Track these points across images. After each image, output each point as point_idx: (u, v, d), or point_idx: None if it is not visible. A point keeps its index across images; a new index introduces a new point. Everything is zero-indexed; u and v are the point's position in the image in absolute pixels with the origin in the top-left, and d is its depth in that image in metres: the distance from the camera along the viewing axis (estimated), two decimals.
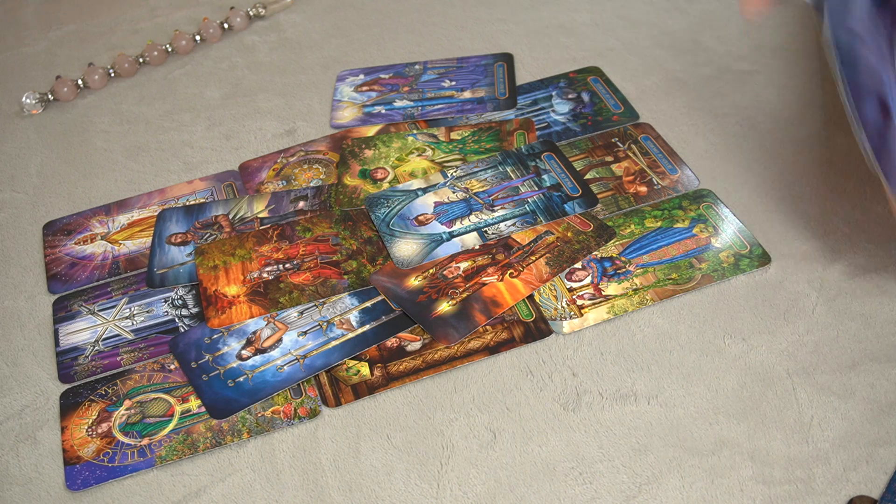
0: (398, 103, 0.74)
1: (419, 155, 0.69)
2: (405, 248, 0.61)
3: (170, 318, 0.60)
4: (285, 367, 0.56)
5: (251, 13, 0.84)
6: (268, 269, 0.61)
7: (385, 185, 0.67)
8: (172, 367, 0.57)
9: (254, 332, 0.58)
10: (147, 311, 0.60)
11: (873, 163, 0.49)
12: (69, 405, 0.55)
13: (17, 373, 0.58)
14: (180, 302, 0.61)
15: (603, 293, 0.59)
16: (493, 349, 0.56)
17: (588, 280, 0.59)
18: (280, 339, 0.57)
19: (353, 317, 0.58)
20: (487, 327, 0.57)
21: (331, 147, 0.71)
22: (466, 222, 0.63)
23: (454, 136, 0.70)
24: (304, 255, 0.62)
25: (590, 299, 0.58)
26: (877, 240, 0.61)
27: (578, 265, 0.60)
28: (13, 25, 0.88)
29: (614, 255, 0.61)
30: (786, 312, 0.57)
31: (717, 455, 0.51)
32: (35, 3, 0.91)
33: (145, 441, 0.53)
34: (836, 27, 0.49)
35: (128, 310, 0.60)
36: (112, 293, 0.62)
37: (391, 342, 0.57)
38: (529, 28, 0.81)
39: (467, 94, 0.74)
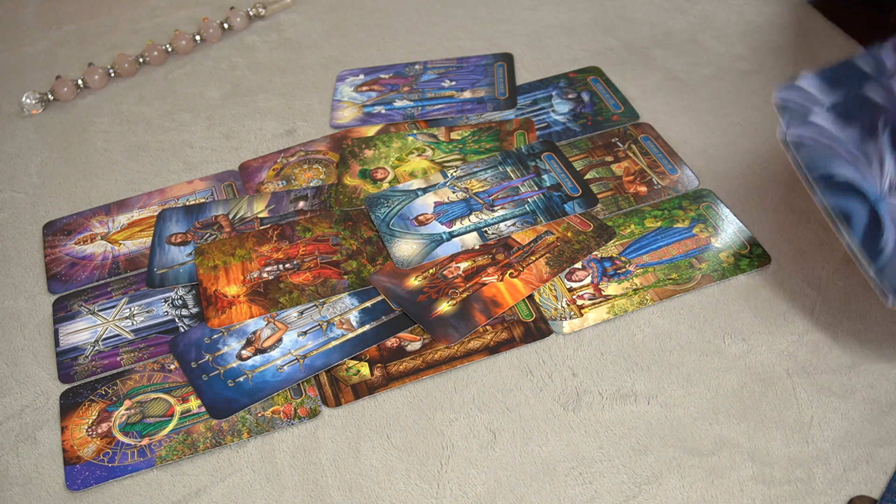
0: (398, 103, 0.74)
1: (419, 155, 0.69)
2: (405, 248, 0.61)
3: (170, 318, 0.60)
4: (285, 367, 0.56)
5: (251, 13, 0.84)
6: (268, 269, 0.61)
7: (385, 185, 0.67)
8: (172, 367, 0.57)
9: (254, 332, 0.58)
10: (147, 311, 0.60)
11: (864, 265, 0.49)
12: (69, 405, 0.55)
13: (17, 373, 0.58)
14: (180, 302, 0.61)
15: (603, 293, 0.59)
16: (493, 349, 0.56)
17: (588, 280, 0.59)
18: (280, 339, 0.57)
19: (353, 317, 0.58)
20: (487, 327, 0.57)
21: (331, 147, 0.71)
22: (466, 222, 0.63)
23: (454, 136, 0.70)
24: (304, 255, 0.62)
25: (590, 299, 0.58)
26: None
27: (578, 265, 0.60)
28: (13, 25, 0.88)
29: (614, 255, 0.61)
30: (786, 312, 0.57)
31: (717, 455, 0.51)
32: (35, 3, 0.91)
33: (145, 441, 0.53)
34: (800, 135, 0.49)
35: (128, 310, 0.60)
36: (112, 293, 0.62)
37: (391, 342, 0.57)
38: (529, 28, 0.81)
39: (467, 94, 0.74)
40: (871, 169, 0.47)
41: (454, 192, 0.65)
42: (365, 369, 0.56)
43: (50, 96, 0.77)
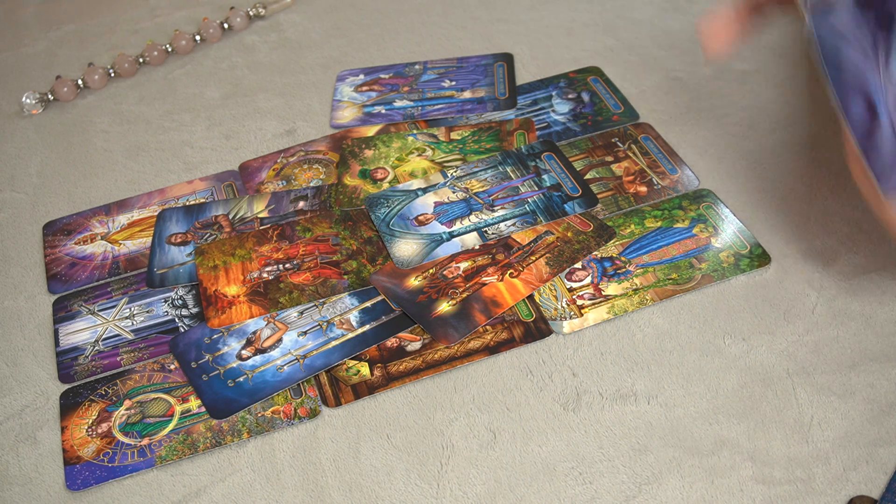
0: (398, 103, 0.74)
1: (419, 155, 0.69)
2: (405, 248, 0.61)
3: (170, 318, 0.60)
4: (285, 367, 0.56)
5: (251, 13, 0.84)
6: (268, 269, 0.61)
7: (385, 185, 0.67)
8: (172, 367, 0.57)
9: (254, 332, 0.58)
10: (147, 311, 0.60)
11: (861, 156, 0.49)
12: (69, 405, 0.55)
13: (17, 373, 0.58)
14: (180, 302, 0.61)
15: (603, 293, 0.59)
16: (493, 349, 0.56)
17: (588, 280, 0.59)
18: (280, 339, 0.57)
19: (353, 317, 0.58)
20: (487, 327, 0.57)
21: (331, 147, 0.71)
22: (466, 222, 0.63)
23: (454, 136, 0.70)
24: (304, 255, 0.62)
25: (590, 299, 0.58)
26: (877, 240, 0.61)
27: (578, 265, 0.60)
28: (13, 25, 0.88)
29: (614, 255, 0.61)
30: (786, 312, 0.57)
31: (717, 455, 0.51)
32: (35, 3, 0.91)
33: (145, 441, 0.53)
34: (818, 24, 0.49)
35: (128, 310, 0.60)
36: (112, 293, 0.62)
37: (391, 342, 0.57)
38: (529, 28, 0.81)
39: (467, 94, 0.74)
40: (878, 64, 0.47)
41: (454, 192, 0.65)
42: (365, 369, 0.56)
43: (50, 96, 0.77)
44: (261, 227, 0.64)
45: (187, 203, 0.67)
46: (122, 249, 0.65)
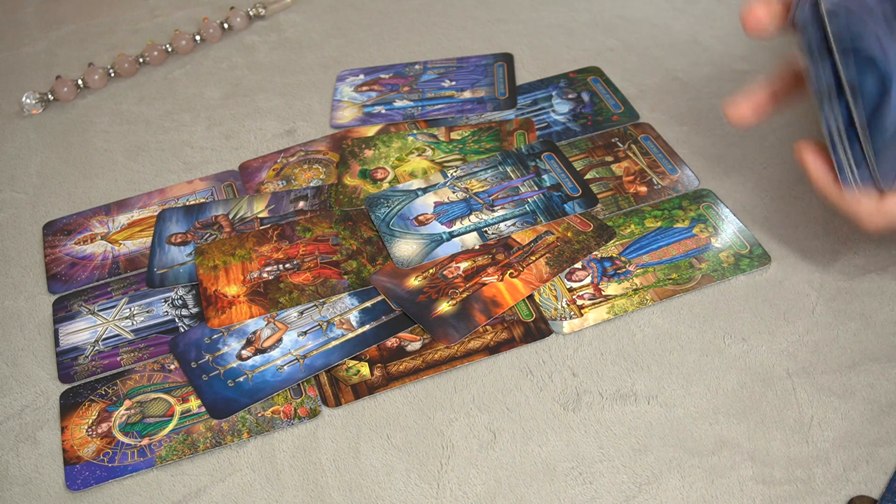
0: (398, 103, 0.74)
1: (419, 155, 0.69)
2: (405, 248, 0.61)
3: (170, 318, 0.60)
4: (285, 367, 0.56)
5: (251, 13, 0.84)
6: (268, 269, 0.61)
7: (385, 185, 0.67)
8: (172, 367, 0.57)
9: (254, 332, 0.58)
10: (147, 311, 0.60)
11: (862, 136, 0.49)
12: (69, 405, 0.55)
13: (17, 373, 0.58)
14: (180, 302, 0.61)
15: (603, 293, 0.59)
16: (493, 349, 0.56)
17: (588, 280, 0.59)
18: (280, 339, 0.57)
19: (353, 317, 0.58)
20: (487, 327, 0.57)
21: (331, 147, 0.71)
22: (466, 222, 0.63)
23: (454, 136, 0.70)
24: (304, 255, 0.62)
25: (590, 299, 0.58)
26: (877, 240, 0.61)
27: (578, 265, 0.60)
28: (13, 25, 0.88)
29: (614, 255, 0.61)
30: (786, 312, 0.57)
31: (717, 455, 0.51)
32: (35, 3, 0.91)
33: (145, 441, 0.53)
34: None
35: (128, 310, 0.60)
36: (112, 293, 0.62)
37: (391, 342, 0.57)
38: (529, 28, 0.81)
39: (467, 94, 0.74)
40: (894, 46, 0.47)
41: (454, 192, 0.65)
42: (365, 369, 0.56)
43: (50, 96, 0.77)
44: (261, 227, 0.64)
45: (187, 203, 0.67)
46: (122, 249, 0.65)
